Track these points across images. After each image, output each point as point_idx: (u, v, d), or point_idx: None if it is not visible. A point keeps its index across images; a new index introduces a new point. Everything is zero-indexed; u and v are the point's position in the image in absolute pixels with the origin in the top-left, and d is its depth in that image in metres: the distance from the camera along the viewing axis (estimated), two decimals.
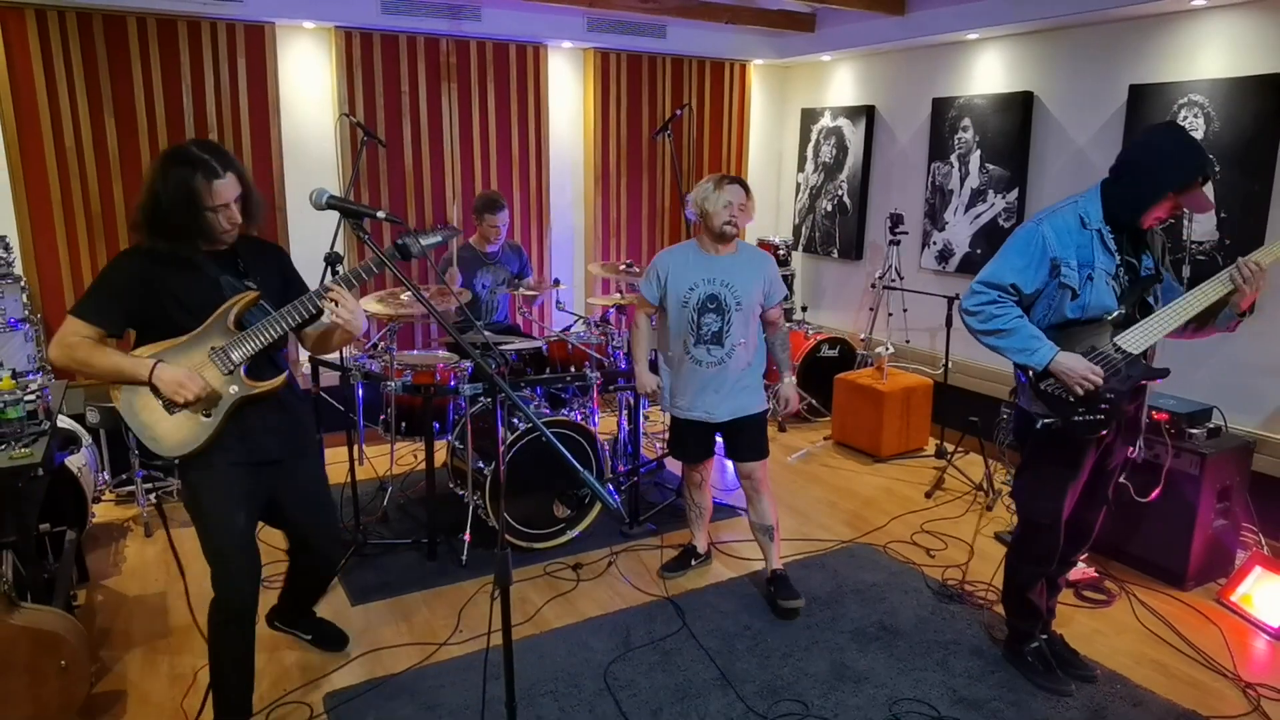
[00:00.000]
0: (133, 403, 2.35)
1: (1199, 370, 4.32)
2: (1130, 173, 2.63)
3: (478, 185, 5.86)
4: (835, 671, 3.05)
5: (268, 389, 2.46)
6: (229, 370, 2.38)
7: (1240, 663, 3.13)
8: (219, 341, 2.37)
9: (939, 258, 5.79)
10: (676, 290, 3.35)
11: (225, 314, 2.38)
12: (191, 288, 2.36)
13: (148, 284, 2.33)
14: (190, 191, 2.25)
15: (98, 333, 2.31)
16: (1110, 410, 2.67)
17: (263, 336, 2.39)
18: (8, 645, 2.49)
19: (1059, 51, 4.97)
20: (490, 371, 1.93)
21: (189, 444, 2.37)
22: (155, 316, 2.35)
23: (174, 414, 2.35)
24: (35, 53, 4.53)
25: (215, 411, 2.38)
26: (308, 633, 3.14)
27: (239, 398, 2.40)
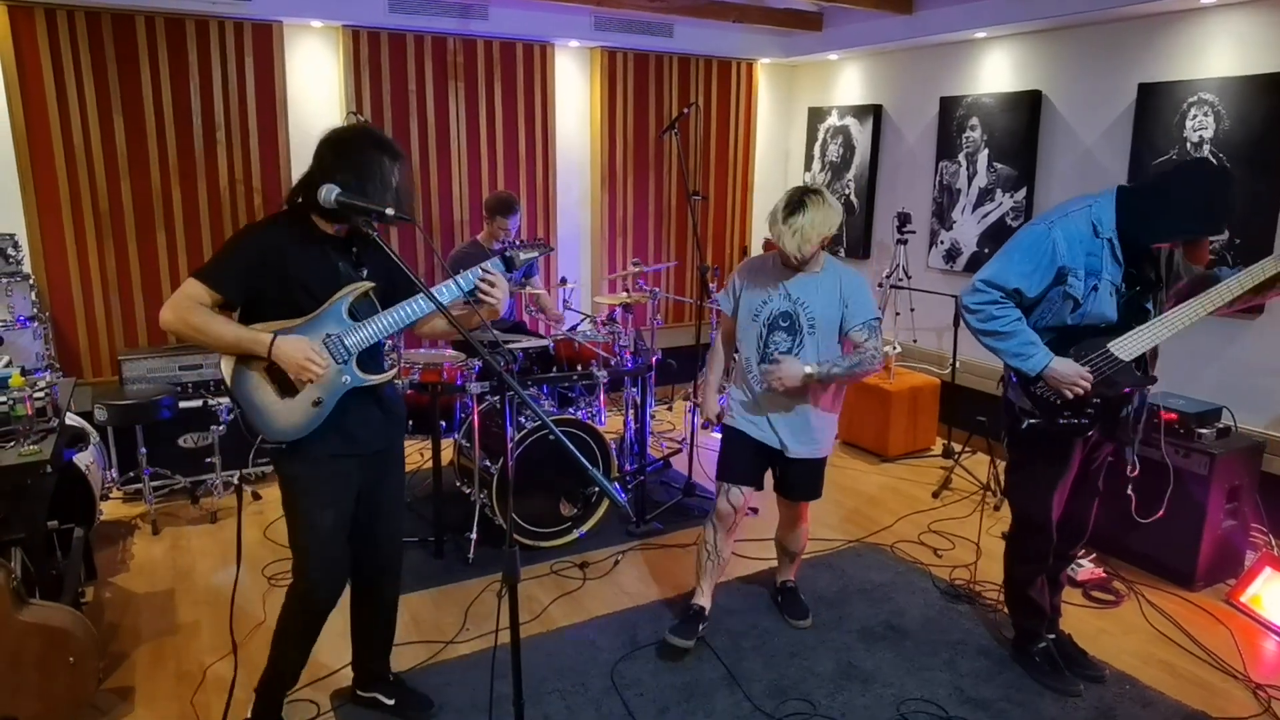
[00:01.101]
0: (246, 381, 2.29)
1: (1208, 370, 4.30)
2: (1156, 200, 2.54)
3: (484, 184, 5.87)
4: (842, 671, 3.04)
5: (380, 381, 2.42)
6: (344, 360, 2.33)
7: (1250, 664, 3.12)
8: (334, 329, 2.32)
9: (946, 257, 5.77)
10: (750, 302, 3.09)
11: (341, 301, 2.33)
12: (314, 270, 2.31)
13: (275, 258, 2.27)
14: (384, 173, 2.26)
15: (215, 299, 2.24)
16: (1095, 414, 2.66)
17: (383, 330, 2.34)
18: (17, 641, 2.50)
19: (1067, 50, 4.96)
20: (499, 369, 1.93)
21: (301, 429, 2.32)
22: (275, 293, 2.29)
23: (286, 398, 2.30)
24: (44, 52, 4.55)
25: (326, 399, 2.33)
26: (389, 697, 2.80)
27: (350, 388, 2.36)
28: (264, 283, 2.28)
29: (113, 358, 4.86)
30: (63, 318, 4.81)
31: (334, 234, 2.35)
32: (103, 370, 4.92)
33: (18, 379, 2.99)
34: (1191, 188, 2.50)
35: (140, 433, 4.18)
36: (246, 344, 2.24)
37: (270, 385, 2.29)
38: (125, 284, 4.91)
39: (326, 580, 2.49)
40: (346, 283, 2.35)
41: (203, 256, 5.04)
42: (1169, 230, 2.53)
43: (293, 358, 2.23)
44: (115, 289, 4.89)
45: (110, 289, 4.88)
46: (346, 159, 2.25)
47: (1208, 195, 2.48)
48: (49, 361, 4.52)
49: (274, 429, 2.31)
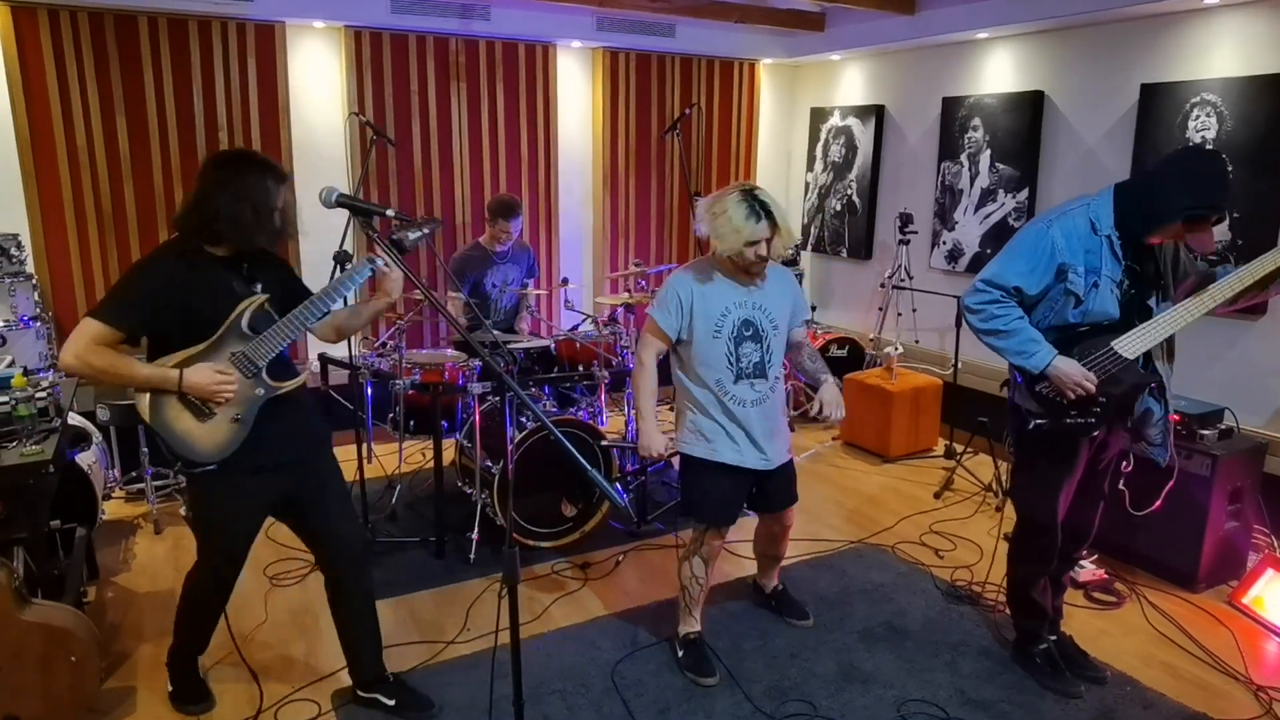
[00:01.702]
0: (164, 412, 2.34)
1: (1211, 371, 4.30)
2: (1148, 190, 2.56)
3: (487, 184, 5.87)
4: (843, 672, 3.04)
5: (292, 387, 2.48)
6: (253, 374, 2.40)
7: (1252, 665, 3.11)
8: (238, 346, 2.38)
9: (948, 257, 5.77)
10: (707, 318, 2.83)
11: (239, 318, 2.38)
12: (210, 294, 2.36)
13: (171, 289, 2.32)
14: (267, 193, 2.31)
15: (117, 337, 2.28)
16: (1102, 414, 2.66)
17: (283, 337, 2.40)
18: (19, 641, 2.51)
19: (1070, 51, 4.95)
20: (499, 370, 1.93)
21: (226, 448, 2.39)
22: (177, 323, 2.34)
23: (206, 421, 2.36)
24: (47, 52, 4.56)
25: (245, 415, 2.41)
26: (390, 698, 2.80)
27: (264, 399, 2.43)
28: (163, 314, 2.32)
29: None
30: (65, 318, 4.82)
31: (223, 255, 2.40)
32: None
33: (20, 379, 3.00)
34: (1181, 168, 2.52)
35: (142, 433, 4.19)
36: (156, 382, 2.30)
37: (187, 412, 2.35)
38: None
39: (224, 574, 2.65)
40: (241, 298, 2.40)
41: None
42: (1166, 212, 2.51)
43: (203, 386, 2.31)
44: None
45: None
46: (230, 182, 2.30)
47: (1198, 172, 2.49)
48: (52, 361, 4.53)
49: (201, 453, 2.37)
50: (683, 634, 3.10)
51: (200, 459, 2.37)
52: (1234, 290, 2.55)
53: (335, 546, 2.70)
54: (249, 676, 2.94)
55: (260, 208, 2.31)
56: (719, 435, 2.90)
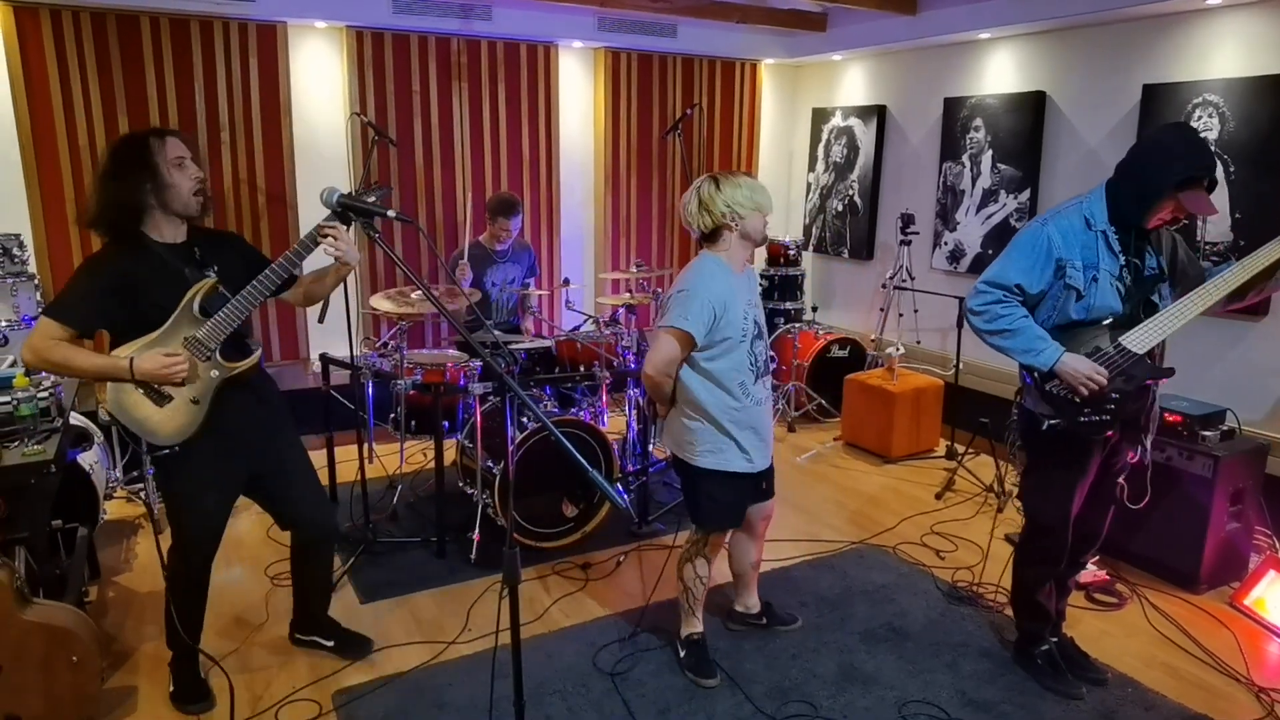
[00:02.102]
0: (121, 401, 2.44)
1: (1213, 371, 4.29)
2: (1133, 170, 2.62)
3: (488, 184, 5.88)
4: (844, 673, 3.04)
5: (246, 367, 2.56)
6: (206, 356, 2.46)
7: (1253, 667, 3.11)
8: (190, 331, 2.44)
9: (950, 258, 5.76)
10: (734, 320, 2.73)
11: (190, 303, 2.44)
12: (158, 283, 2.42)
13: (119, 283, 2.38)
14: (146, 151, 2.35)
15: (71, 334, 2.36)
16: (1115, 410, 2.65)
17: (234, 317, 2.46)
18: (20, 640, 2.51)
19: (1071, 51, 4.95)
20: (499, 370, 1.93)
21: (186, 430, 2.47)
22: (128, 315, 2.41)
23: (164, 405, 2.44)
24: (49, 52, 4.57)
25: (202, 396, 2.48)
26: (329, 639, 3.08)
27: (220, 380, 2.50)
28: (115, 308, 2.39)
29: None
30: None
31: (171, 243, 2.46)
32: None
33: (22, 379, 3.01)
34: (1158, 141, 2.63)
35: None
36: (109, 372, 2.38)
37: (146, 400, 2.43)
38: None
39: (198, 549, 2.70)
40: (193, 284, 2.45)
41: None
42: (1156, 187, 2.53)
43: (153, 372, 2.37)
44: None
45: None
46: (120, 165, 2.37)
47: (1176, 140, 2.56)
48: None
49: (165, 435, 2.46)
50: (685, 634, 3.09)
51: (161, 442, 2.46)
52: (1239, 280, 2.55)
53: (300, 524, 2.86)
54: (250, 675, 2.95)
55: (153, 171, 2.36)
56: (729, 446, 2.81)
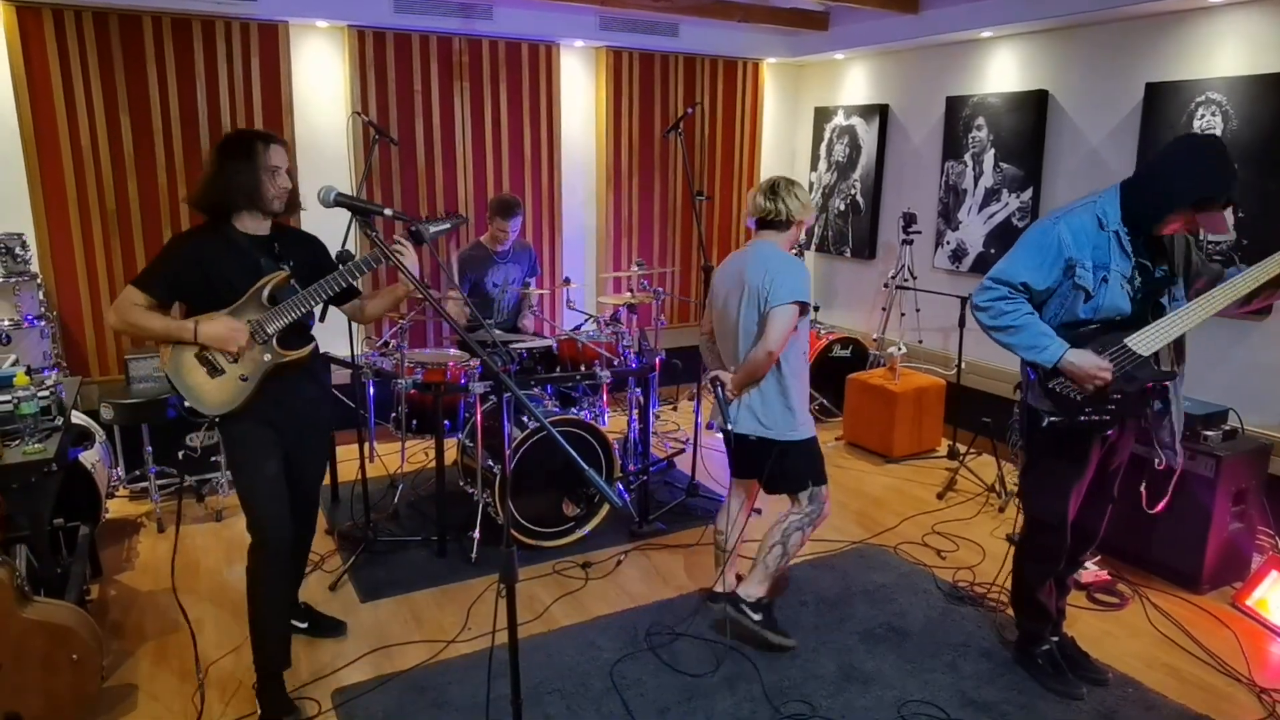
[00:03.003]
0: (180, 366, 2.61)
1: (1215, 371, 4.28)
2: (1153, 179, 2.58)
3: (490, 184, 5.88)
4: (843, 673, 3.04)
5: (296, 357, 2.70)
6: (264, 340, 2.62)
7: (1255, 667, 3.10)
8: (255, 315, 2.62)
9: (952, 257, 5.75)
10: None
11: (260, 290, 2.62)
12: (235, 267, 2.61)
13: (199, 261, 2.59)
14: (252, 152, 2.56)
15: (150, 301, 2.58)
16: (1116, 410, 2.65)
17: (295, 308, 2.62)
18: (21, 638, 2.52)
19: (1074, 49, 4.93)
20: (496, 370, 1.93)
21: (229, 403, 2.63)
22: (202, 291, 2.60)
23: (215, 377, 2.61)
24: (52, 52, 4.57)
25: (251, 376, 2.63)
26: (303, 621, 3.21)
27: (272, 364, 2.65)
28: (192, 284, 2.60)
29: (119, 357, 4.88)
30: (70, 317, 4.84)
31: (255, 235, 2.66)
32: (109, 369, 4.94)
33: (22, 378, 3.01)
34: (1184, 155, 2.54)
35: (146, 431, 4.20)
36: (175, 332, 2.58)
37: (200, 368, 2.61)
38: None
39: (277, 528, 2.72)
40: (267, 274, 2.63)
41: None
42: (1172, 201, 2.51)
43: (215, 334, 2.57)
44: (122, 288, 4.89)
45: (117, 288, 4.90)
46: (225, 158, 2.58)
47: (1202, 157, 2.50)
48: (56, 360, 4.55)
49: (209, 405, 2.63)
50: (757, 599, 3.16)
51: (205, 411, 2.63)
52: (1248, 287, 2.54)
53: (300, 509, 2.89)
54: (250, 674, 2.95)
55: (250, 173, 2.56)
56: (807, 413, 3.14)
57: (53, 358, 4.50)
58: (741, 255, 3.14)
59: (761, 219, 3.09)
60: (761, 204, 3.08)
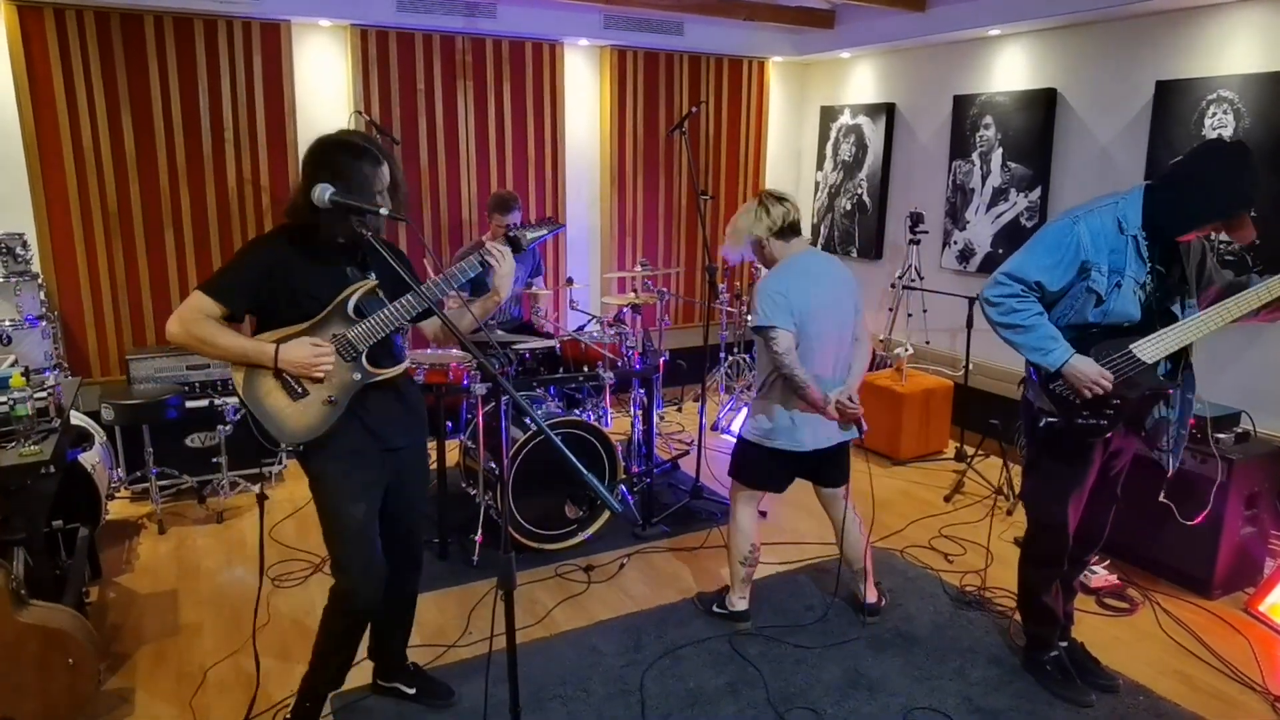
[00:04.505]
0: (256, 388, 2.32)
1: (1227, 373, 4.22)
2: (1189, 189, 2.48)
3: (493, 183, 5.85)
4: (849, 679, 2.99)
5: (391, 375, 2.44)
6: (352, 357, 2.36)
7: (1268, 675, 3.04)
8: (340, 329, 2.35)
9: (960, 257, 5.70)
10: None
11: (345, 301, 2.35)
12: (319, 276, 2.35)
13: (279, 270, 2.32)
14: (365, 178, 2.29)
15: (222, 311, 2.29)
16: (1115, 415, 2.60)
17: (386, 323, 2.36)
18: (16, 642, 2.50)
19: (1083, 47, 4.88)
20: (494, 372, 1.90)
21: (316, 429, 2.34)
22: (281, 303, 2.33)
23: (298, 400, 2.33)
24: (53, 51, 4.56)
25: (340, 397, 2.35)
26: (410, 686, 2.85)
27: (361, 384, 2.38)
28: (270, 295, 2.32)
29: (120, 357, 4.86)
30: (71, 317, 4.82)
31: (341, 242, 2.35)
32: (110, 370, 4.93)
33: (18, 379, 2.99)
34: (1212, 168, 2.46)
35: (147, 432, 4.18)
36: (253, 356, 2.28)
37: (281, 390, 2.32)
38: (133, 283, 4.92)
39: (366, 580, 2.48)
40: (353, 283, 2.38)
41: (210, 256, 5.05)
42: (1202, 214, 2.46)
43: (299, 360, 2.27)
44: (123, 288, 4.90)
45: (118, 288, 4.89)
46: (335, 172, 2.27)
47: (1238, 168, 2.43)
48: (57, 361, 4.53)
49: (289, 432, 2.33)
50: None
51: (289, 439, 2.33)
52: (1261, 301, 2.49)
53: (401, 543, 2.65)
54: (250, 677, 2.92)
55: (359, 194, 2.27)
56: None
57: (53, 358, 4.48)
58: (824, 267, 3.15)
59: (793, 223, 3.13)
60: (782, 211, 3.12)
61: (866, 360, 3.23)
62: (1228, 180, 2.42)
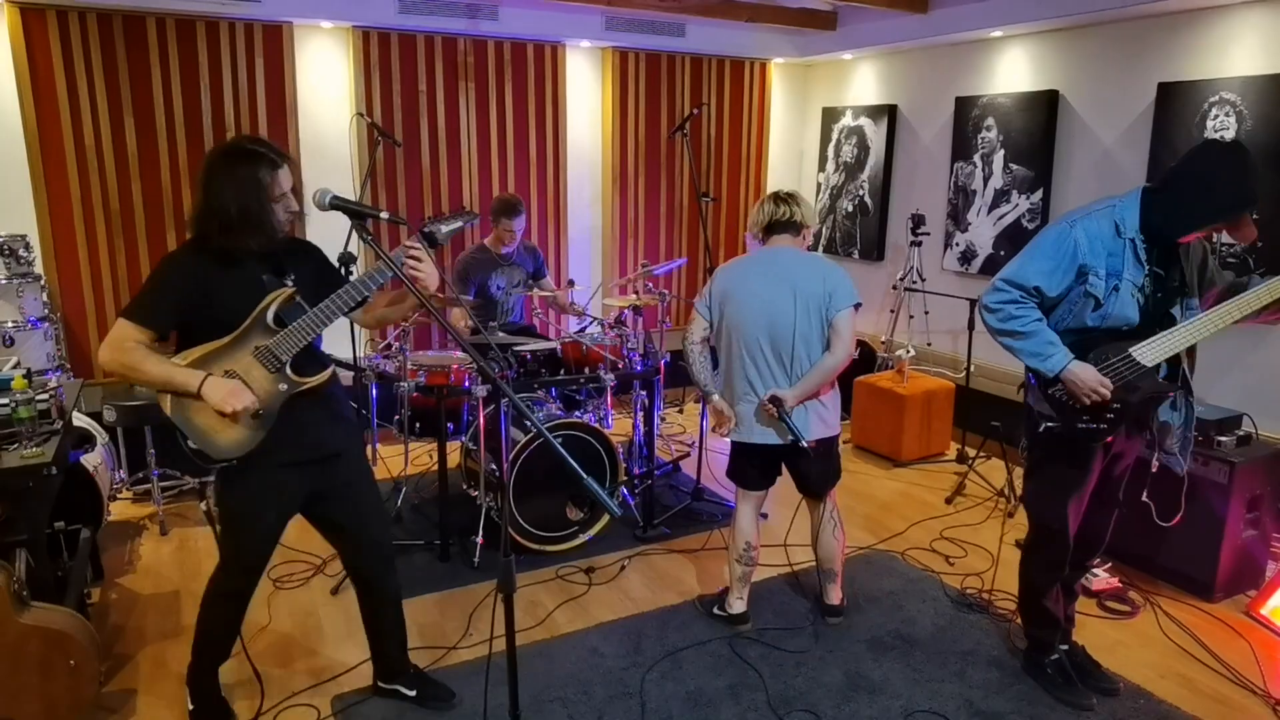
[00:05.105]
0: (185, 407, 2.34)
1: (1229, 376, 4.21)
2: (1187, 191, 2.47)
3: (495, 185, 5.85)
4: (849, 681, 2.99)
5: (315, 384, 2.44)
6: (276, 368, 2.36)
7: (1270, 678, 3.04)
8: (262, 340, 2.35)
9: (961, 259, 5.70)
10: None
11: (264, 312, 2.35)
12: (237, 287, 2.34)
13: (199, 285, 2.32)
14: (259, 185, 2.27)
15: (149, 336, 2.30)
16: (1114, 420, 2.60)
17: (308, 332, 2.36)
18: (18, 644, 2.50)
19: (1085, 49, 4.87)
20: (493, 376, 1.90)
21: (246, 445, 2.36)
22: (203, 318, 2.33)
23: (226, 417, 2.34)
24: (56, 53, 4.57)
25: (266, 411, 2.36)
26: (411, 688, 2.86)
27: (288, 394, 2.39)
28: (191, 311, 2.33)
29: None
30: (74, 318, 4.83)
31: (254, 249, 2.35)
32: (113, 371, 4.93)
33: (20, 381, 3.00)
34: (1218, 168, 2.44)
35: (149, 433, 4.19)
36: (179, 384, 2.29)
37: (208, 410, 2.32)
38: (136, 284, 4.93)
39: (247, 572, 2.60)
40: (270, 291, 2.37)
41: None
42: (1203, 216, 2.46)
43: (217, 399, 2.27)
44: (126, 289, 4.91)
45: (121, 289, 4.90)
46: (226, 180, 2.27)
47: (1238, 170, 2.42)
48: (59, 362, 4.54)
49: (222, 448, 2.35)
50: None
51: (219, 455, 2.35)
52: (1262, 302, 2.48)
53: (365, 547, 2.70)
54: (250, 679, 2.92)
55: (257, 202, 2.27)
56: None
57: (56, 360, 4.49)
58: (772, 260, 3.10)
59: (774, 222, 3.11)
60: (772, 209, 3.12)
61: (827, 367, 3.02)
62: (1227, 181, 2.41)
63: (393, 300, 2.59)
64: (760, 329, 3.04)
